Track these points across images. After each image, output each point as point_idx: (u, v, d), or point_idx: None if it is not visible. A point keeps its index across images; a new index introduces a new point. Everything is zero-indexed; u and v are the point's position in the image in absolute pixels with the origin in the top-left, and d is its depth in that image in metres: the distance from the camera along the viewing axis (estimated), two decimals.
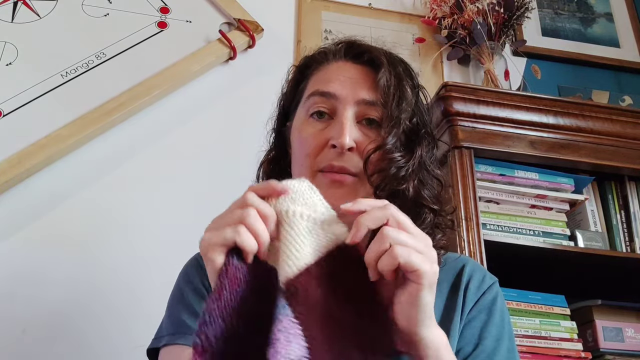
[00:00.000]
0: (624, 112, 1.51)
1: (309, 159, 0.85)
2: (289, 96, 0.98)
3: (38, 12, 1.58)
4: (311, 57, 0.97)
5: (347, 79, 0.88)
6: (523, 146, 1.43)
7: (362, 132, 0.85)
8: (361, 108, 0.86)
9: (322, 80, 0.90)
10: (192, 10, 1.67)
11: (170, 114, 1.57)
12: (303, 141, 0.87)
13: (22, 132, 1.40)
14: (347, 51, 0.93)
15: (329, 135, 0.84)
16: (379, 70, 0.88)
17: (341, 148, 0.82)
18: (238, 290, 0.63)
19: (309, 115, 0.88)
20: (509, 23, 1.76)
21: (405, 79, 0.90)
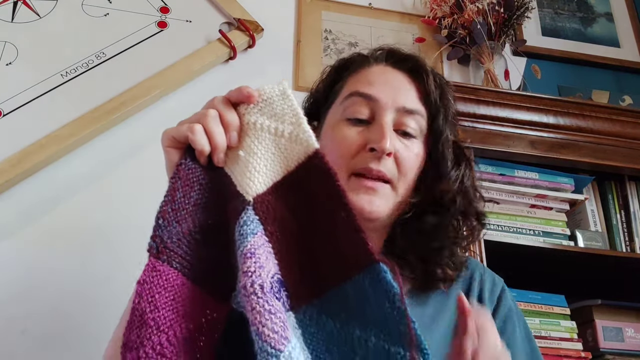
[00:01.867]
0: (624, 112, 1.51)
1: (344, 160, 0.83)
2: (321, 95, 0.95)
3: (38, 12, 1.58)
4: (349, 59, 0.95)
5: (388, 84, 0.86)
6: (523, 146, 1.43)
7: (399, 139, 0.83)
8: (400, 115, 0.84)
9: (362, 82, 0.88)
10: (192, 10, 1.67)
11: (170, 114, 1.56)
12: (338, 142, 0.85)
13: (22, 132, 1.40)
14: (389, 56, 0.92)
15: (367, 138, 0.82)
16: (422, 79, 0.86)
17: (381, 152, 0.80)
18: (192, 193, 0.63)
19: (346, 117, 0.85)
20: (509, 23, 1.76)
21: (448, 92, 0.89)
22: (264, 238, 0.61)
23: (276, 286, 0.59)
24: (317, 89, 0.97)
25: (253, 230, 0.60)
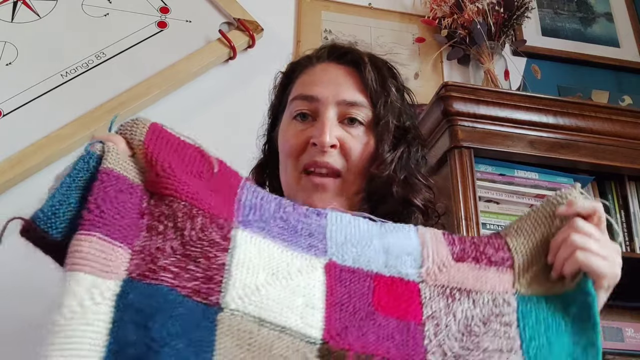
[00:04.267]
0: (623, 112, 1.51)
1: (292, 159, 0.87)
2: (276, 102, 0.99)
3: (38, 12, 1.58)
4: (296, 63, 0.99)
5: (329, 81, 0.90)
6: (523, 146, 1.43)
7: (344, 130, 0.87)
8: (342, 108, 0.87)
9: (305, 84, 0.92)
10: (192, 10, 1.67)
11: (170, 114, 1.56)
12: (286, 141, 0.89)
13: (22, 132, 1.40)
14: (330, 53, 0.95)
15: (310, 134, 0.86)
16: (361, 70, 0.90)
17: (321, 146, 0.84)
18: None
19: (292, 117, 0.90)
20: (509, 23, 1.76)
21: (389, 79, 0.91)
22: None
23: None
24: (272, 97, 1.01)
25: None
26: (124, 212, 0.65)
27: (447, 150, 1.39)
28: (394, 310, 0.68)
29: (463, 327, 0.68)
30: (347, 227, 0.73)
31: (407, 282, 0.70)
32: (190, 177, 0.70)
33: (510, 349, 0.68)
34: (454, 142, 1.38)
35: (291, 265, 0.67)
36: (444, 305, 0.69)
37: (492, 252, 0.73)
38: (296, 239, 0.70)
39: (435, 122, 1.43)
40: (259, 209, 0.72)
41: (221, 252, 0.66)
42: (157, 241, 0.65)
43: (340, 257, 0.70)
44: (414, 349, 0.66)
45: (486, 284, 0.71)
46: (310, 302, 0.65)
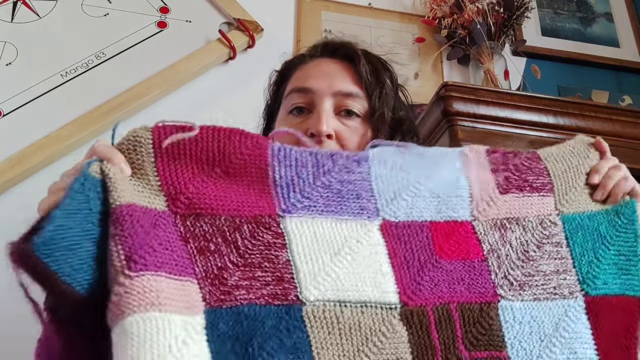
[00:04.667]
0: (623, 112, 1.51)
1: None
2: (271, 100, 1.00)
3: (38, 12, 1.58)
4: (290, 61, 1.00)
5: (323, 74, 0.90)
6: (523, 146, 1.43)
7: (341, 122, 0.87)
8: (338, 99, 0.87)
9: (299, 78, 0.92)
10: (192, 10, 1.67)
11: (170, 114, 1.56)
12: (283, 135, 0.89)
13: (22, 132, 1.40)
14: (324, 48, 0.96)
15: (307, 126, 0.86)
16: (355, 63, 0.90)
17: (319, 135, 0.84)
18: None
19: (288, 112, 0.90)
20: (509, 23, 1.76)
21: (383, 71, 0.92)
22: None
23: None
24: (268, 95, 1.02)
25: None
26: (170, 244, 0.62)
27: None
28: (456, 252, 0.70)
29: (521, 254, 0.72)
30: (393, 174, 0.72)
31: (462, 222, 0.72)
32: (218, 181, 0.67)
33: (565, 269, 0.73)
34: (454, 142, 1.38)
35: (349, 238, 0.67)
36: (499, 237, 0.73)
37: (533, 178, 0.78)
38: (345, 205, 0.69)
39: (435, 122, 1.43)
40: (297, 184, 0.69)
41: (279, 250, 0.65)
42: (215, 261, 0.64)
43: (393, 214, 0.71)
44: (484, 285, 0.69)
45: (531, 209, 0.76)
46: (379, 269, 0.67)
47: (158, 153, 0.66)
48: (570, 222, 0.76)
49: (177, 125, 0.68)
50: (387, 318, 0.64)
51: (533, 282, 0.71)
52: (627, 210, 0.77)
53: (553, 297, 0.71)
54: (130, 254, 0.57)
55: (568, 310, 0.70)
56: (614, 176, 0.79)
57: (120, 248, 0.58)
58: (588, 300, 0.72)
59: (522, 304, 0.69)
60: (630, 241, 0.75)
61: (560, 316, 0.70)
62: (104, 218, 0.61)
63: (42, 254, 0.57)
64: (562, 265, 0.73)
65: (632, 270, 0.74)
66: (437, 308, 0.66)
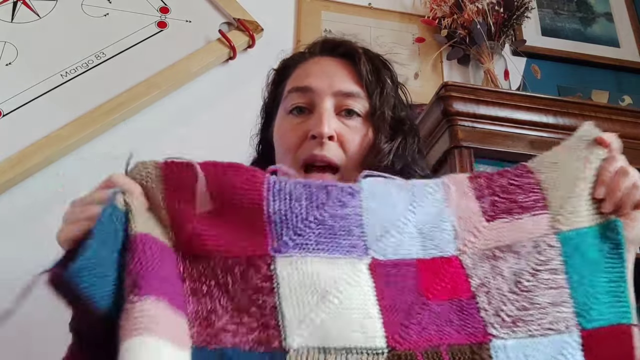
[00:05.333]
0: (623, 112, 1.51)
1: (291, 153, 0.86)
2: (270, 99, 0.98)
3: (38, 12, 1.58)
4: (289, 59, 0.99)
5: (323, 72, 0.89)
6: (523, 146, 1.43)
7: (342, 122, 0.86)
8: (339, 99, 0.86)
9: (299, 77, 0.91)
10: (192, 10, 1.67)
11: (170, 114, 1.56)
12: (283, 135, 0.88)
13: (22, 132, 1.40)
14: (323, 46, 0.95)
15: (308, 127, 0.84)
16: (355, 62, 0.89)
17: (320, 137, 0.82)
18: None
19: (288, 111, 0.88)
20: (509, 23, 1.76)
21: (383, 70, 0.91)
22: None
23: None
24: (266, 95, 1.00)
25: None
26: (172, 278, 0.64)
27: (447, 150, 1.39)
28: (444, 292, 0.68)
29: (514, 285, 0.68)
30: (381, 208, 0.70)
31: (448, 258, 0.69)
32: (214, 218, 0.67)
33: (561, 300, 0.67)
34: (454, 142, 1.38)
35: (338, 279, 0.66)
36: (490, 269, 0.69)
37: (522, 197, 0.72)
38: (336, 242, 0.68)
39: (435, 122, 1.43)
40: (290, 220, 0.68)
41: (267, 295, 0.65)
42: (206, 304, 0.64)
43: (381, 252, 0.69)
44: (474, 325, 0.66)
45: (524, 232, 0.70)
46: (366, 313, 0.65)
47: (166, 190, 0.67)
48: (567, 242, 0.70)
49: (184, 162, 0.70)
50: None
51: (528, 317, 0.66)
52: (612, 233, 0.70)
53: (548, 333, 0.66)
54: (136, 279, 0.59)
55: (563, 347, 0.65)
56: (621, 185, 0.70)
57: (129, 275, 0.60)
58: (584, 335, 0.66)
59: (516, 342, 0.65)
60: (617, 266, 0.69)
61: (555, 355, 0.65)
62: (126, 248, 0.63)
63: (78, 281, 0.59)
64: (559, 296, 0.67)
65: (622, 297, 0.68)
66: (426, 352, 0.63)
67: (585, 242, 0.70)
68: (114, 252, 0.62)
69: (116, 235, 0.63)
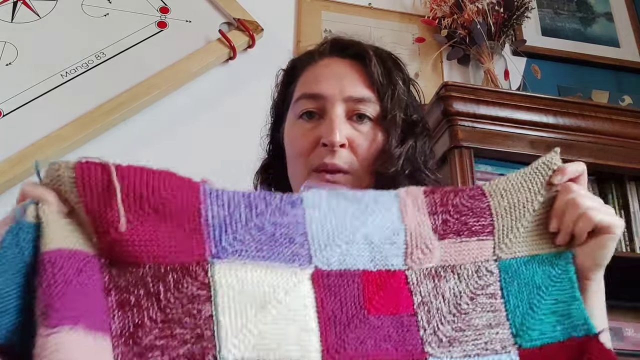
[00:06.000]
0: (623, 112, 1.52)
1: (302, 158, 0.85)
2: (279, 100, 0.97)
3: (38, 12, 1.58)
4: (298, 59, 0.97)
5: (334, 77, 0.87)
6: (523, 146, 1.43)
7: (353, 127, 0.85)
8: (350, 105, 0.85)
9: (309, 81, 0.89)
10: (192, 10, 1.67)
11: (170, 114, 1.57)
12: (294, 142, 0.87)
13: (22, 132, 1.40)
14: (333, 47, 0.92)
15: (319, 134, 0.84)
16: (366, 64, 0.88)
17: (332, 146, 0.82)
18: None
19: (298, 116, 0.87)
20: (509, 23, 1.76)
21: (395, 72, 0.90)
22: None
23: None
24: (275, 96, 0.99)
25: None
26: (91, 294, 0.58)
27: (447, 150, 1.39)
28: (386, 306, 0.67)
29: (453, 307, 0.68)
30: (328, 217, 0.69)
31: (394, 272, 0.69)
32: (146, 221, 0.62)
33: (497, 322, 0.69)
34: (454, 142, 1.38)
35: (277, 289, 0.64)
36: (432, 287, 0.69)
37: (473, 221, 0.72)
38: (277, 250, 0.66)
39: (435, 122, 1.43)
40: (229, 224, 0.65)
41: (203, 303, 0.61)
42: (133, 317, 0.59)
43: (326, 262, 0.67)
44: (412, 342, 0.66)
45: (468, 255, 0.71)
46: (304, 326, 0.64)
47: (82, 194, 0.61)
48: (506, 269, 0.71)
49: (99, 163, 0.63)
50: None
51: (463, 338, 0.67)
52: (561, 262, 0.72)
53: (484, 354, 0.67)
54: (46, 308, 0.54)
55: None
56: (569, 217, 0.71)
57: (39, 301, 0.55)
58: (522, 354, 0.67)
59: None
60: (566, 288, 0.70)
61: None
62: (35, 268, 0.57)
63: None
64: (495, 319, 0.69)
65: (572, 313, 0.69)
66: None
67: (529, 269, 0.72)
68: (21, 277, 0.56)
69: (21, 257, 0.57)
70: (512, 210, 0.73)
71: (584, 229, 0.70)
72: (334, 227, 0.69)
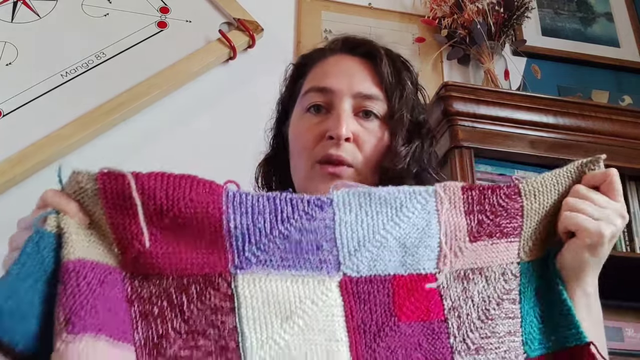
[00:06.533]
0: (623, 112, 1.51)
1: (306, 151, 0.85)
2: (287, 95, 0.97)
3: (38, 12, 1.58)
4: (308, 55, 0.97)
5: (343, 72, 0.88)
6: (523, 146, 1.43)
7: (359, 123, 0.85)
8: (358, 101, 0.86)
9: (318, 76, 0.90)
10: (192, 10, 1.67)
11: (170, 114, 1.57)
12: (300, 135, 0.88)
13: (22, 132, 1.40)
14: (344, 44, 0.93)
15: (325, 128, 0.84)
16: (376, 63, 0.88)
17: (338, 139, 0.82)
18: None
19: (306, 110, 0.88)
20: (509, 23, 1.76)
21: (404, 72, 0.90)
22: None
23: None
24: (283, 90, 0.99)
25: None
26: (115, 305, 0.58)
27: (447, 150, 1.39)
28: (416, 312, 0.66)
29: (482, 312, 0.67)
30: (358, 221, 0.66)
31: (425, 275, 0.67)
32: (167, 234, 0.62)
33: (515, 329, 0.68)
34: (454, 142, 1.38)
35: (304, 299, 0.62)
36: (462, 291, 0.67)
37: (506, 222, 0.70)
38: (303, 257, 0.64)
39: (435, 122, 1.43)
40: (253, 234, 0.63)
41: (227, 315, 0.61)
42: (157, 327, 0.59)
43: (355, 269, 0.65)
44: (442, 351, 0.65)
45: (496, 258, 0.69)
46: (333, 336, 0.62)
47: (106, 205, 0.61)
48: (525, 272, 0.70)
49: (120, 173, 0.64)
50: None
51: (488, 346, 0.66)
52: (549, 262, 0.71)
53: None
54: (70, 316, 0.54)
55: None
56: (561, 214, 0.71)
57: (61, 308, 0.55)
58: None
59: None
60: (558, 294, 0.69)
61: None
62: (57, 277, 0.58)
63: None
64: (514, 326, 0.68)
65: (562, 322, 0.68)
66: None
67: (536, 272, 0.71)
68: (42, 284, 0.57)
69: (41, 265, 0.57)
70: (540, 212, 0.72)
71: (560, 229, 0.70)
72: (365, 231, 0.66)
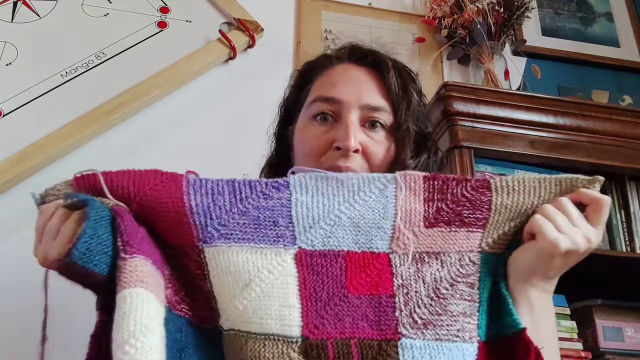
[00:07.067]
0: (623, 112, 1.51)
1: (312, 158, 0.86)
2: (291, 100, 0.97)
3: (38, 12, 1.58)
4: (314, 62, 0.97)
5: (351, 82, 0.88)
6: (523, 146, 1.43)
7: (366, 134, 0.86)
8: (365, 112, 0.86)
9: (325, 85, 0.90)
10: (192, 10, 1.67)
11: (170, 114, 1.57)
12: (306, 142, 0.88)
13: (22, 132, 1.40)
14: (351, 53, 0.93)
15: (332, 137, 0.84)
16: (383, 73, 0.88)
17: (347, 150, 0.82)
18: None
19: (312, 117, 0.88)
20: (509, 23, 1.76)
21: (410, 84, 0.91)
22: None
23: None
24: (287, 95, 1.00)
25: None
26: (152, 244, 0.69)
27: (447, 150, 1.39)
28: (366, 286, 0.70)
29: (432, 291, 0.71)
30: (314, 201, 0.72)
31: (378, 254, 0.72)
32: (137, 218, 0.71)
33: (471, 312, 0.72)
34: (454, 142, 1.38)
35: (261, 268, 0.69)
36: (414, 271, 0.72)
37: (468, 212, 0.74)
38: (261, 232, 0.71)
39: (435, 122, 1.43)
40: (213, 211, 0.71)
41: (202, 280, 0.70)
42: (175, 273, 0.70)
43: (309, 243, 0.71)
44: (387, 322, 0.69)
45: (454, 245, 0.73)
46: (286, 302, 0.68)
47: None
48: (486, 262, 0.74)
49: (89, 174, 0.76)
50: (287, 351, 0.66)
51: (438, 322, 0.70)
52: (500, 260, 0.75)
53: (454, 340, 0.69)
54: (128, 240, 0.64)
55: (465, 354, 0.69)
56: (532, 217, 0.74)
57: (119, 238, 0.65)
58: (480, 347, 0.71)
59: (423, 343, 0.68)
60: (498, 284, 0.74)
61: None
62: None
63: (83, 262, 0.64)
64: (470, 308, 0.71)
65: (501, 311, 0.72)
66: (337, 343, 0.67)
67: (498, 264, 0.75)
68: (107, 225, 0.66)
69: (105, 212, 0.67)
70: (512, 209, 0.74)
71: (525, 229, 0.73)
72: (321, 210, 0.72)
